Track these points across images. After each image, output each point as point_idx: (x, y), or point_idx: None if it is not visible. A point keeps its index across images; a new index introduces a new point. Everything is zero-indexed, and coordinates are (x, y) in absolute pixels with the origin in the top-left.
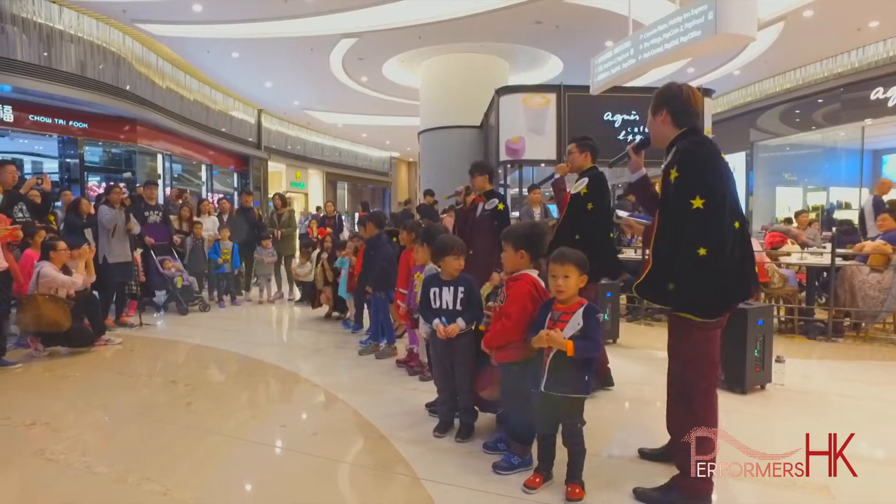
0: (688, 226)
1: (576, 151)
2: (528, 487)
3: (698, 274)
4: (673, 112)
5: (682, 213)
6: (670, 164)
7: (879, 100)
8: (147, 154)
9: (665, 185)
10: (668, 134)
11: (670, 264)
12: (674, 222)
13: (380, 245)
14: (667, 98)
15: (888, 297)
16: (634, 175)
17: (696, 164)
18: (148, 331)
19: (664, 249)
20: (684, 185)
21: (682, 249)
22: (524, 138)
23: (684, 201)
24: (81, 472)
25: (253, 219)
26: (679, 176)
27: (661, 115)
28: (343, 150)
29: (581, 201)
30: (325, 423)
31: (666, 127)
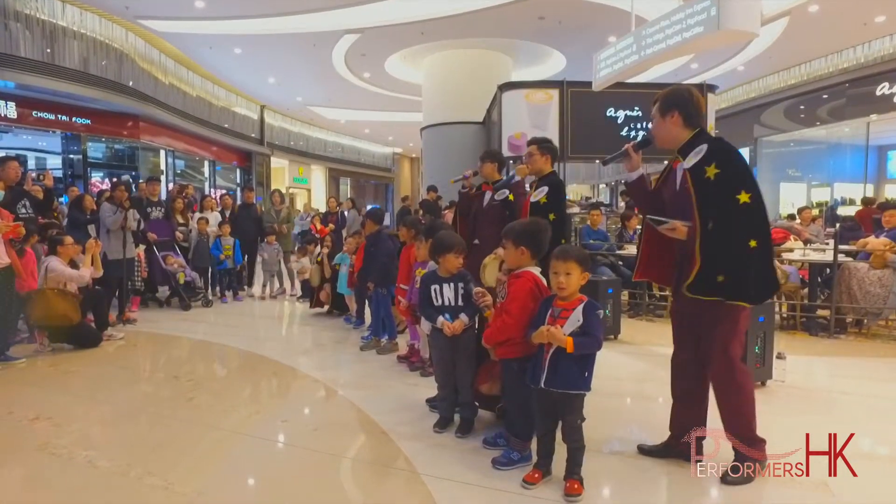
0: (737, 219)
1: (537, 153)
2: (527, 483)
3: (752, 264)
4: (684, 114)
5: (727, 208)
6: (704, 162)
7: (885, 95)
8: (150, 150)
9: (700, 183)
10: (679, 135)
11: (721, 258)
12: (719, 218)
13: (380, 241)
14: (677, 100)
15: (890, 295)
16: (633, 174)
17: (737, 162)
18: (151, 326)
19: (712, 244)
20: (728, 182)
21: (733, 242)
22: (527, 134)
23: (730, 197)
24: (84, 466)
25: (256, 215)
26: (720, 173)
27: (671, 117)
28: (346, 146)
29: (541, 210)
30: (326, 418)
31: (676, 128)
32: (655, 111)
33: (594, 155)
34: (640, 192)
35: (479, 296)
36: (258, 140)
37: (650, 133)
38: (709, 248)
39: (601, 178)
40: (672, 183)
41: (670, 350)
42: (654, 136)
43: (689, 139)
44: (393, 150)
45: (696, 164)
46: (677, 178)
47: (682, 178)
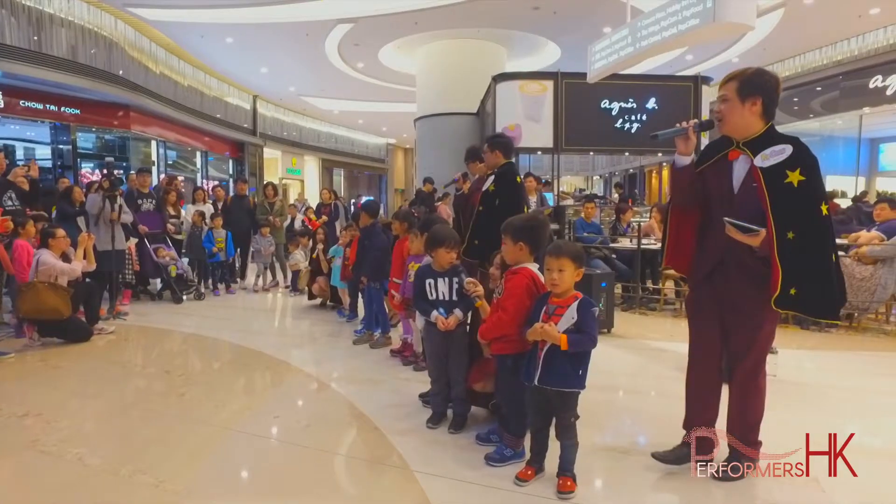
0: (822, 232)
1: (487, 151)
2: (520, 480)
3: (834, 278)
4: (767, 103)
5: (812, 220)
6: (787, 166)
7: (878, 88)
8: (141, 140)
9: (778, 188)
10: (755, 126)
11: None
12: (801, 228)
13: (374, 235)
14: (762, 86)
15: (878, 289)
16: (685, 159)
17: (818, 170)
18: (142, 319)
19: (792, 256)
20: (813, 191)
21: (821, 256)
22: (521, 126)
23: (814, 207)
24: (73, 463)
25: (248, 207)
26: (806, 181)
27: (751, 103)
28: (339, 137)
29: (490, 197)
30: (318, 413)
31: (754, 118)
32: (732, 92)
33: (588, 147)
34: (687, 180)
35: (470, 286)
36: (251, 130)
37: (717, 113)
38: (788, 259)
39: (595, 170)
40: (725, 176)
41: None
42: (722, 119)
43: (762, 133)
44: (387, 141)
45: (776, 165)
46: (735, 173)
47: (747, 175)
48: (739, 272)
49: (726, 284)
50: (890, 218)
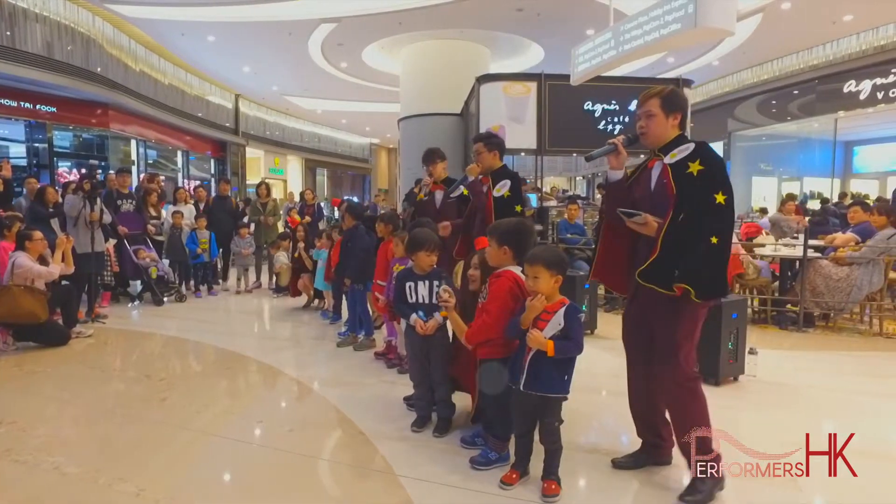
0: (706, 217)
1: (484, 151)
2: (504, 484)
3: (708, 261)
4: (683, 116)
5: (703, 206)
6: (689, 159)
7: (852, 92)
8: (120, 139)
9: (680, 178)
10: (671, 134)
11: (679, 251)
12: (692, 214)
13: (357, 236)
14: (682, 103)
15: (853, 290)
16: (618, 173)
17: (720, 164)
18: (122, 322)
19: (674, 238)
20: (710, 181)
21: (696, 238)
22: (504, 127)
23: (708, 196)
24: (50, 472)
25: (231, 207)
26: (704, 171)
27: (674, 116)
28: (322, 136)
29: (507, 204)
30: (302, 418)
31: (672, 129)
32: (657, 108)
33: (572, 148)
34: (620, 191)
35: (443, 294)
36: (233, 130)
37: (641, 128)
38: (672, 238)
39: (578, 171)
40: (645, 182)
41: None
42: (646, 132)
43: (673, 139)
44: (370, 141)
45: (681, 159)
46: (652, 177)
47: (660, 174)
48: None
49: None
50: (863, 220)
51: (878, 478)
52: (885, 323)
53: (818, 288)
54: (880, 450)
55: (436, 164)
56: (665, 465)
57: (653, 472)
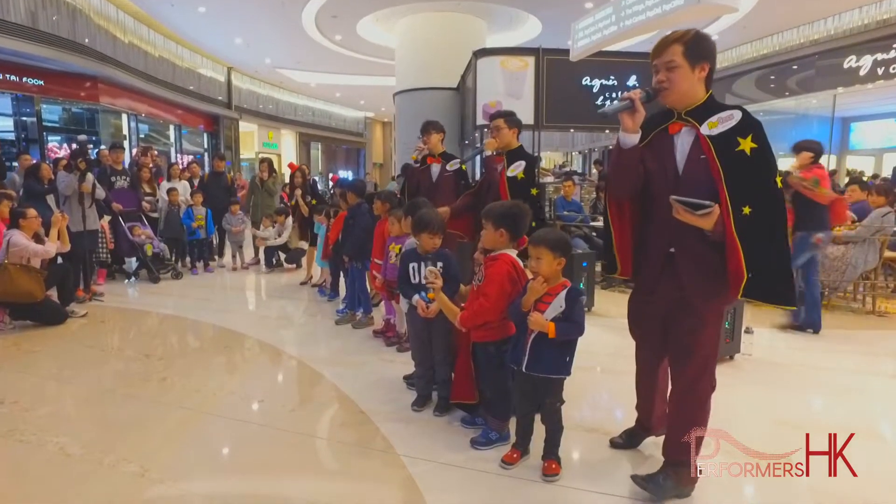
0: (777, 206)
1: (505, 127)
2: (505, 463)
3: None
4: (711, 69)
5: (767, 192)
6: (737, 132)
7: (852, 68)
8: (111, 113)
9: (730, 157)
10: (700, 93)
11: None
12: (758, 202)
13: (359, 215)
14: (710, 50)
15: (848, 268)
16: (632, 136)
17: (767, 139)
18: (118, 300)
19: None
20: (766, 161)
21: (774, 237)
22: (501, 102)
23: (770, 178)
24: (55, 454)
25: (226, 184)
26: (759, 149)
27: (700, 68)
28: (316, 110)
29: (521, 186)
30: (303, 397)
31: (699, 84)
32: (679, 57)
33: (569, 124)
34: (632, 160)
35: (429, 275)
36: (225, 103)
37: (660, 82)
38: (749, 239)
39: (574, 146)
40: (667, 152)
41: None
42: (668, 87)
43: (705, 101)
44: (365, 115)
45: (726, 132)
46: (679, 147)
47: (692, 146)
48: (690, 267)
49: (674, 283)
50: (860, 199)
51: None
52: (878, 301)
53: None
54: (868, 428)
55: (430, 134)
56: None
57: (653, 453)
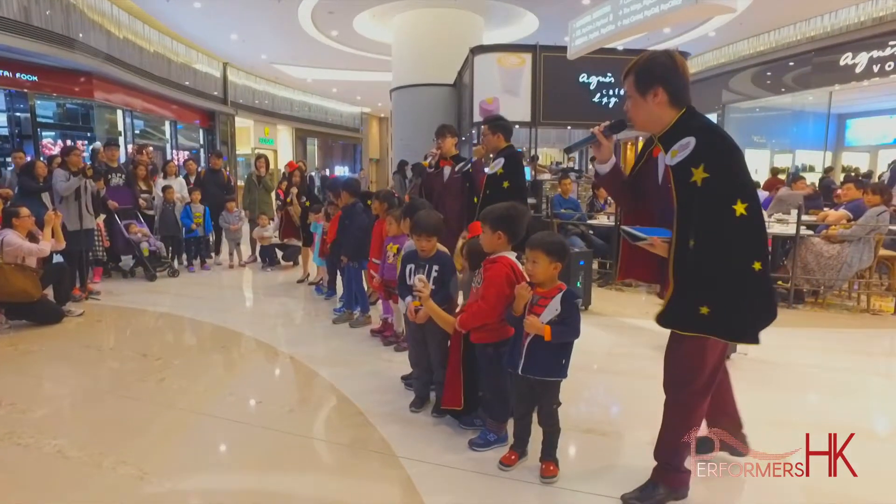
0: (733, 236)
1: (488, 133)
2: (503, 465)
3: (754, 292)
4: (670, 90)
5: (718, 223)
6: (691, 162)
7: (848, 65)
8: (106, 109)
9: (684, 187)
10: (665, 117)
11: (705, 284)
12: (705, 234)
13: (355, 214)
14: (659, 73)
15: (843, 267)
16: (605, 166)
17: (731, 163)
18: (115, 299)
19: (692, 266)
20: (721, 188)
21: (731, 265)
22: (498, 99)
23: (724, 207)
24: (53, 456)
25: (222, 181)
26: (710, 178)
27: (653, 95)
28: (313, 106)
29: (497, 180)
30: (301, 398)
31: (662, 109)
32: (631, 88)
33: (566, 121)
34: (616, 184)
35: (418, 283)
36: (221, 99)
37: (627, 110)
38: (687, 270)
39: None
40: (653, 173)
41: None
42: (631, 117)
43: (675, 122)
44: (361, 110)
45: (681, 162)
46: (658, 170)
47: (664, 172)
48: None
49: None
50: (856, 197)
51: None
52: (872, 299)
53: (809, 265)
54: (863, 427)
55: (445, 138)
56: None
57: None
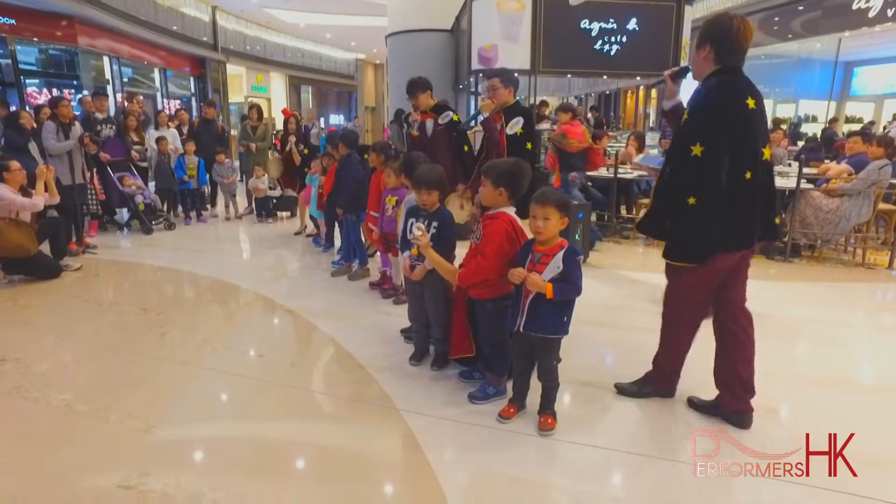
0: (684, 173)
1: (501, 87)
2: (502, 417)
3: (684, 222)
4: (718, 48)
5: (681, 158)
6: (686, 106)
7: (861, 9)
8: (91, 55)
9: (678, 124)
10: (707, 70)
11: (666, 207)
12: (674, 166)
13: (350, 166)
14: (713, 32)
15: (841, 221)
16: (669, 102)
17: (704, 109)
18: (112, 252)
19: (661, 191)
20: (688, 130)
21: (674, 196)
22: (497, 46)
23: (685, 146)
24: (62, 410)
25: (216, 132)
26: (687, 121)
27: (704, 51)
28: (306, 52)
29: (520, 142)
30: (302, 352)
31: (707, 63)
32: (696, 41)
33: (567, 69)
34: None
35: (416, 231)
36: (211, 45)
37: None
38: (660, 192)
39: (571, 91)
40: None
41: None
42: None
43: (708, 75)
44: (356, 57)
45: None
46: None
47: None
48: None
49: None
50: (861, 151)
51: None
52: (868, 253)
53: (808, 219)
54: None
55: (417, 95)
56: (668, 397)
57: (648, 406)
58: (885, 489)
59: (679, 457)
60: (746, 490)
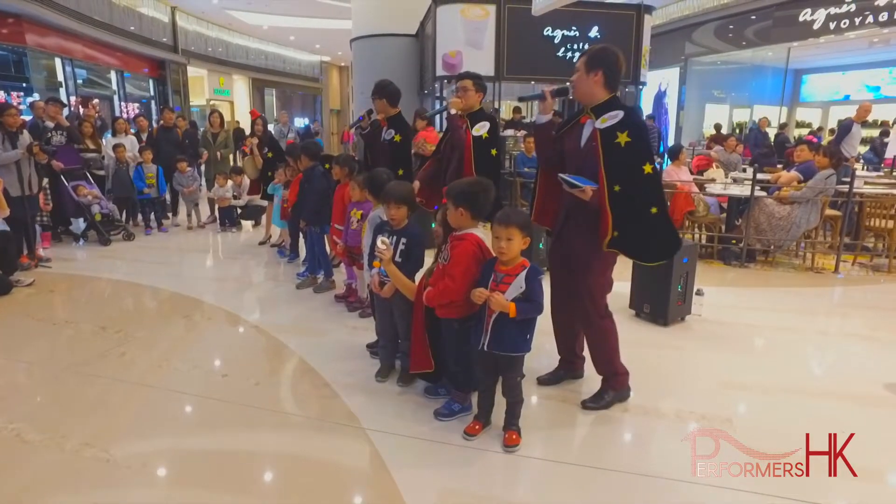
0: (641, 188)
1: (472, 89)
2: (468, 434)
3: (655, 230)
4: (607, 75)
5: (633, 176)
6: (618, 128)
7: (807, 21)
8: (42, 56)
9: (609, 147)
10: (598, 94)
11: (623, 218)
12: (627, 183)
13: (314, 178)
14: (604, 60)
15: (792, 227)
16: (544, 117)
17: (644, 135)
18: (67, 266)
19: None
20: (637, 152)
21: (636, 209)
22: (462, 52)
23: (636, 166)
24: (12, 440)
25: (177, 139)
26: (632, 143)
27: (595, 75)
28: (270, 54)
29: (485, 146)
30: (267, 370)
31: (597, 88)
32: (581, 64)
33: (531, 76)
34: (545, 136)
35: (380, 245)
36: (171, 47)
37: (571, 81)
38: (615, 207)
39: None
40: (576, 137)
41: None
42: (573, 87)
43: (605, 101)
44: (321, 59)
45: (610, 127)
46: (583, 134)
47: (590, 135)
48: (578, 226)
49: (569, 237)
50: (808, 159)
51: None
52: (816, 258)
53: (761, 225)
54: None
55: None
56: (579, 378)
57: (601, 416)
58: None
59: (647, 470)
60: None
